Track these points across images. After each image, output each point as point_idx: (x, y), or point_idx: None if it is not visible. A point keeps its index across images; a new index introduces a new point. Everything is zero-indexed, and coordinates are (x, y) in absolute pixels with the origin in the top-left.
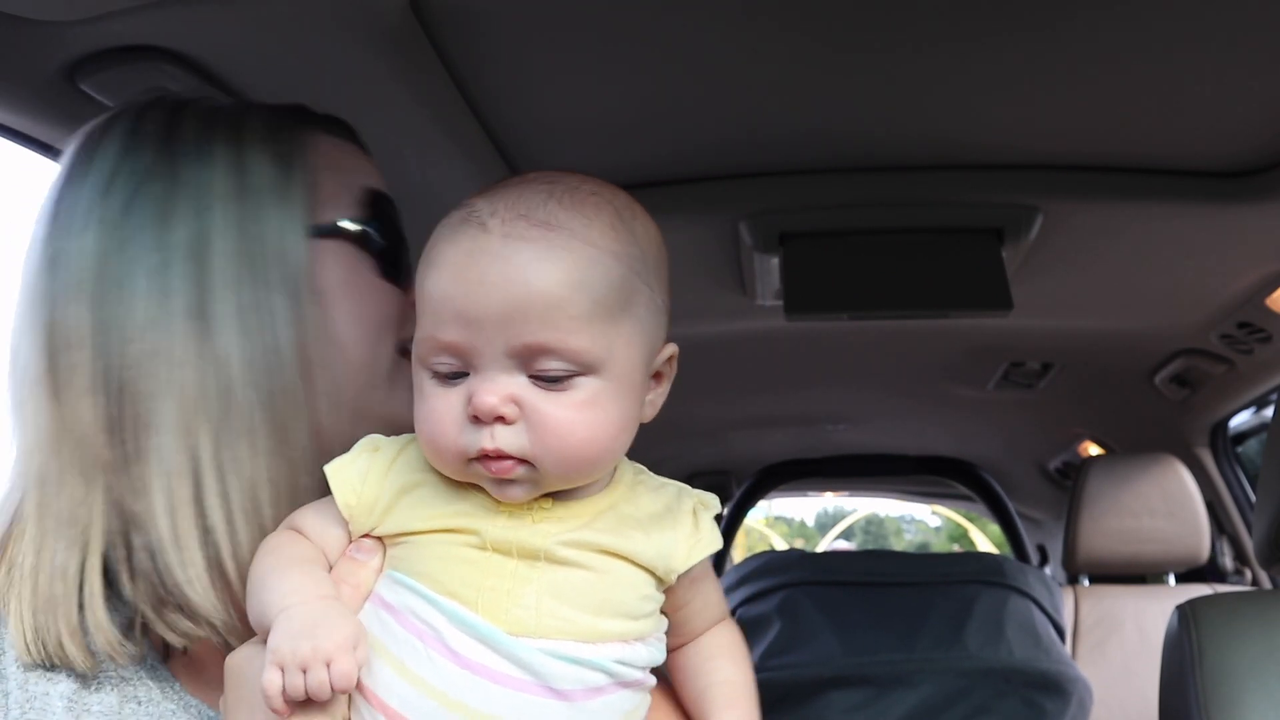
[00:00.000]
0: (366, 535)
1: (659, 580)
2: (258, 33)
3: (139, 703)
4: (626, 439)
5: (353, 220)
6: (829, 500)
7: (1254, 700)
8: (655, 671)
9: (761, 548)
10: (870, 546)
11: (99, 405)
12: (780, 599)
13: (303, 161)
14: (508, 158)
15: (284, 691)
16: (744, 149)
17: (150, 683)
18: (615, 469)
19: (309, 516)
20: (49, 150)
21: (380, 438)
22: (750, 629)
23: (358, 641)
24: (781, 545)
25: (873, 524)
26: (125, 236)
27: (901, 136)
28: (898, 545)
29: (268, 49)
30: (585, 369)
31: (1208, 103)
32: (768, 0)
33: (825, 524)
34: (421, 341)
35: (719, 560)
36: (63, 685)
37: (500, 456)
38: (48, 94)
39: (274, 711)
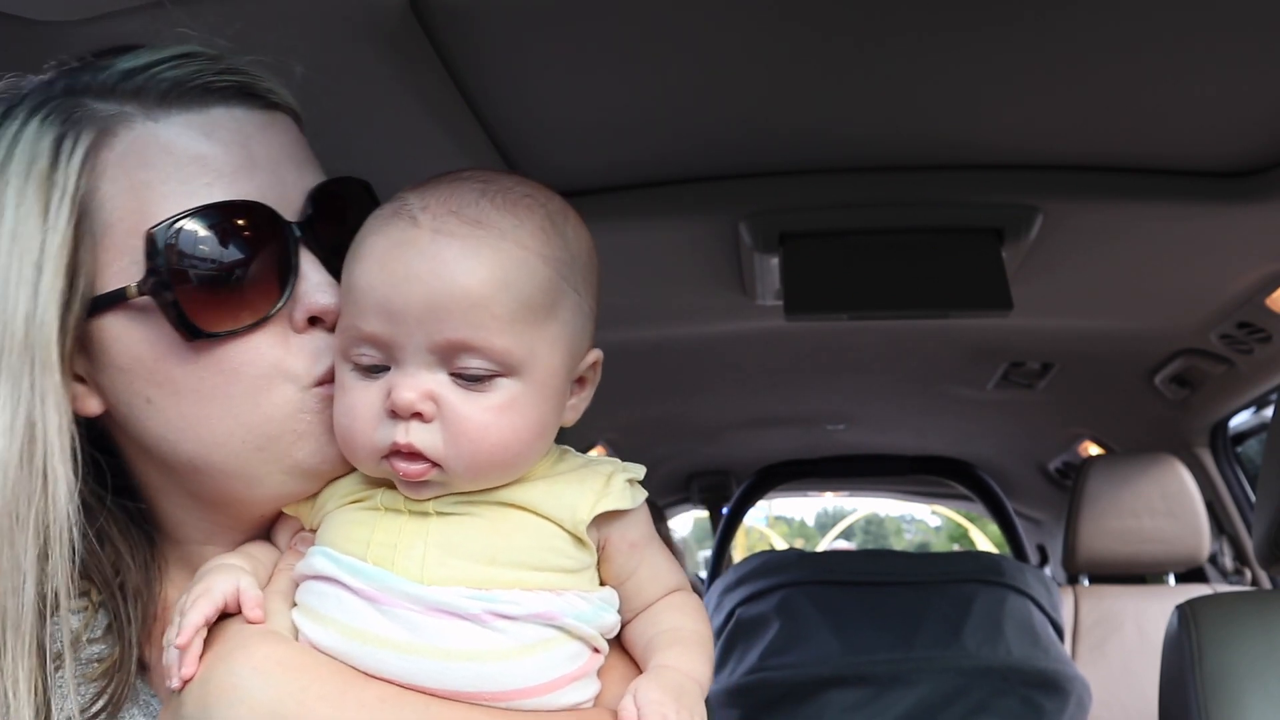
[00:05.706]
0: (306, 529)
1: (572, 536)
2: (258, 33)
3: None
4: (543, 444)
5: (157, 274)
6: (829, 500)
7: (1254, 700)
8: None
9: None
10: (870, 546)
11: None
12: (779, 599)
13: (71, 194)
14: (508, 158)
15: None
16: (744, 149)
17: None
18: None
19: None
20: None
21: None
22: (749, 629)
23: (209, 592)
24: (781, 545)
25: (873, 524)
26: None
27: (901, 136)
28: (898, 545)
29: (267, 49)
30: (506, 370)
31: (1208, 103)
32: (767, 0)
33: (825, 524)
34: (343, 331)
35: (718, 560)
36: None
37: (412, 454)
38: None
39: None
